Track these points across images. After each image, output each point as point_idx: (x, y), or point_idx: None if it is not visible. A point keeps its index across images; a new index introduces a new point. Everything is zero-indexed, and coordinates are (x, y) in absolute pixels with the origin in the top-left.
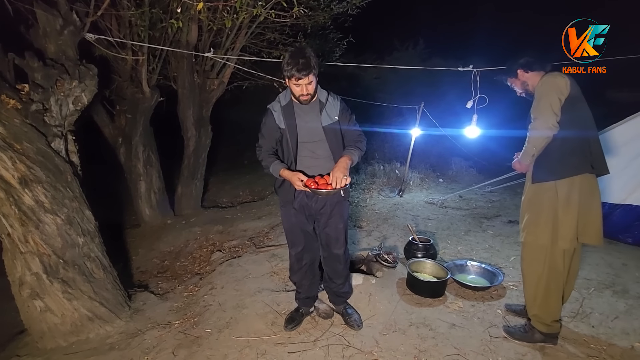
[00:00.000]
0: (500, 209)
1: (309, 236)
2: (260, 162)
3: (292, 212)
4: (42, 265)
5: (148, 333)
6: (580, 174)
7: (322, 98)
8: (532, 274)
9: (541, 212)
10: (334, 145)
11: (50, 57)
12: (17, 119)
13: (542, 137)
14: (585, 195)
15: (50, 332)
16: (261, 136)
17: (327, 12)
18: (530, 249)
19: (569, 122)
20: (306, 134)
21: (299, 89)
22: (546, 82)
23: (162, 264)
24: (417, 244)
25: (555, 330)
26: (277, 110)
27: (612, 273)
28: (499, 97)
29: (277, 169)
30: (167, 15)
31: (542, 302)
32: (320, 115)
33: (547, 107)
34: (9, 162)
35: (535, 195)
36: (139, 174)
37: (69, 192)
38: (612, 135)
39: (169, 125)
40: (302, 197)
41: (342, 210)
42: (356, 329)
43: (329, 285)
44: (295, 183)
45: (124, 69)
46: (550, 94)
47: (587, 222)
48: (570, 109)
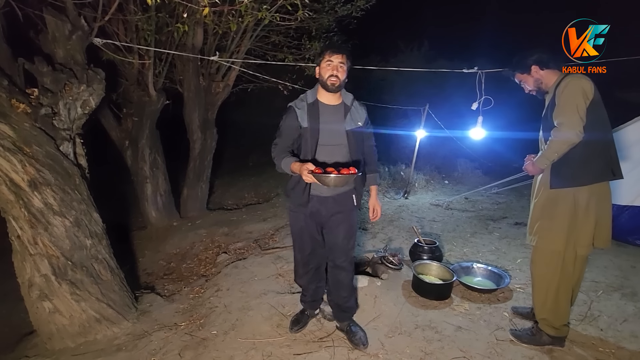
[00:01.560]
0: (507, 211)
1: (317, 242)
2: (273, 159)
3: (302, 217)
4: (50, 267)
5: (155, 334)
6: (601, 182)
7: (347, 101)
8: (543, 278)
9: (556, 218)
10: (354, 150)
11: (59, 61)
12: (26, 122)
13: (567, 143)
14: (602, 201)
15: (58, 333)
16: (279, 134)
17: (331, 14)
18: (542, 254)
19: (590, 126)
20: (327, 136)
21: (330, 68)
22: (573, 85)
23: (168, 265)
24: (423, 246)
25: (563, 334)
26: (300, 108)
27: (621, 275)
28: (504, 98)
29: (288, 163)
30: (173, 19)
31: (552, 306)
32: (344, 119)
33: (574, 113)
34: (19, 165)
35: (550, 201)
36: (145, 176)
37: (77, 195)
38: (619, 136)
39: (175, 128)
40: (315, 202)
41: (352, 220)
42: (361, 348)
43: (333, 299)
44: (303, 173)
45: (130, 73)
46: (577, 97)
47: (600, 227)
48: (593, 113)
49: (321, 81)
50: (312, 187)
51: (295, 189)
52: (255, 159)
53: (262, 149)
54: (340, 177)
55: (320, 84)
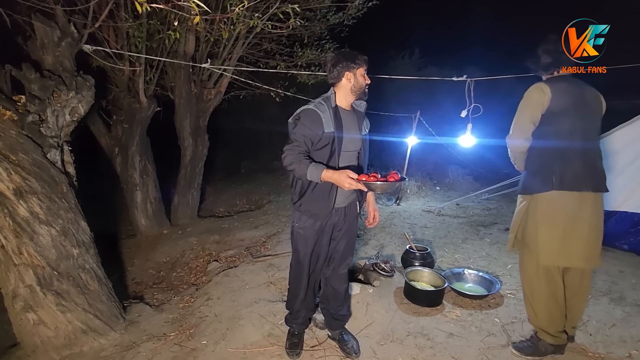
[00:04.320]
0: (497, 217)
1: (322, 259)
2: (286, 164)
3: (312, 235)
4: (36, 278)
5: (143, 345)
6: (544, 192)
7: (361, 108)
8: (526, 285)
9: (526, 226)
10: (364, 157)
11: (47, 68)
12: (13, 130)
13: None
14: (577, 212)
15: (43, 345)
16: (294, 138)
17: (323, 22)
18: (520, 260)
19: (540, 135)
20: (349, 142)
21: (365, 77)
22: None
23: (158, 274)
24: (415, 252)
25: (562, 342)
26: (323, 112)
27: (609, 280)
28: (494, 106)
29: (319, 170)
30: (164, 26)
31: (542, 312)
32: (360, 125)
33: (515, 122)
34: (4, 173)
35: (520, 207)
36: (135, 183)
37: (64, 203)
38: (605, 142)
39: (165, 135)
40: (335, 214)
41: (354, 228)
42: (353, 356)
43: (327, 307)
44: (345, 181)
45: (121, 80)
46: (522, 107)
47: (578, 242)
48: (549, 122)
49: (355, 88)
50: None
51: (319, 200)
52: (247, 165)
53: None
54: (388, 184)
55: (353, 90)
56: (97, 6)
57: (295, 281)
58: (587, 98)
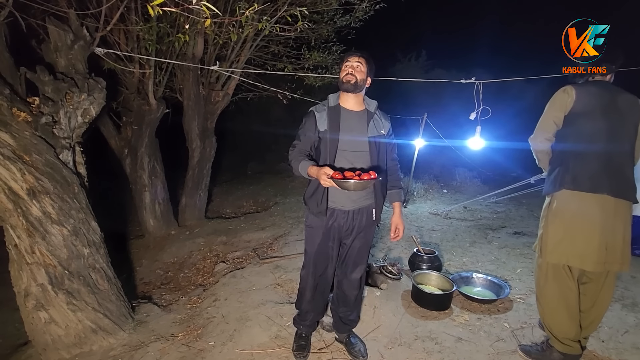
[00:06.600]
0: (506, 220)
1: (331, 261)
2: (289, 163)
3: (320, 233)
4: (47, 277)
5: (151, 345)
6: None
7: (370, 108)
8: (536, 283)
9: (546, 226)
10: (376, 160)
11: (60, 70)
12: (27, 131)
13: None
14: (602, 216)
15: (54, 344)
16: (297, 138)
17: (330, 25)
18: (536, 261)
19: (562, 137)
20: (349, 142)
21: (346, 69)
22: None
23: (166, 275)
24: (422, 255)
25: (574, 352)
26: (320, 112)
27: (621, 286)
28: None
29: (305, 167)
30: (174, 29)
31: (550, 316)
32: (367, 126)
33: (540, 121)
34: (18, 173)
35: (544, 209)
36: (144, 184)
37: (75, 204)
38: None
39: (174, 137)
40: (336, 216)
41: (369, 235)
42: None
43: (336, 309)
44: (321, 178)
45: (131, 82)
46: (548, 107)
47: (605, 245)
48: (572, 124)
49: (339, 83)
50: (333, 200)
51: (313, 196)
52: (254, 167)
53: (260, 157)
54: (359, 182)
55: (339, 87)
56: (109, 10)
57: (303, 280)
58: (618, 103)
